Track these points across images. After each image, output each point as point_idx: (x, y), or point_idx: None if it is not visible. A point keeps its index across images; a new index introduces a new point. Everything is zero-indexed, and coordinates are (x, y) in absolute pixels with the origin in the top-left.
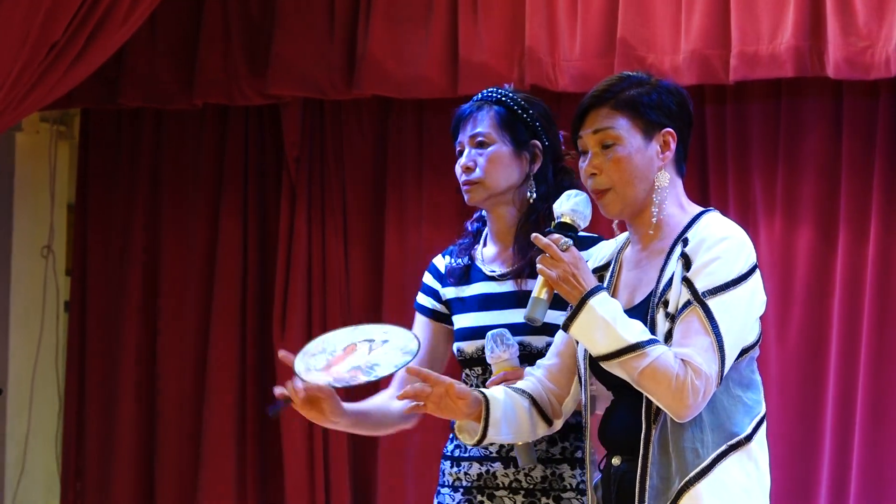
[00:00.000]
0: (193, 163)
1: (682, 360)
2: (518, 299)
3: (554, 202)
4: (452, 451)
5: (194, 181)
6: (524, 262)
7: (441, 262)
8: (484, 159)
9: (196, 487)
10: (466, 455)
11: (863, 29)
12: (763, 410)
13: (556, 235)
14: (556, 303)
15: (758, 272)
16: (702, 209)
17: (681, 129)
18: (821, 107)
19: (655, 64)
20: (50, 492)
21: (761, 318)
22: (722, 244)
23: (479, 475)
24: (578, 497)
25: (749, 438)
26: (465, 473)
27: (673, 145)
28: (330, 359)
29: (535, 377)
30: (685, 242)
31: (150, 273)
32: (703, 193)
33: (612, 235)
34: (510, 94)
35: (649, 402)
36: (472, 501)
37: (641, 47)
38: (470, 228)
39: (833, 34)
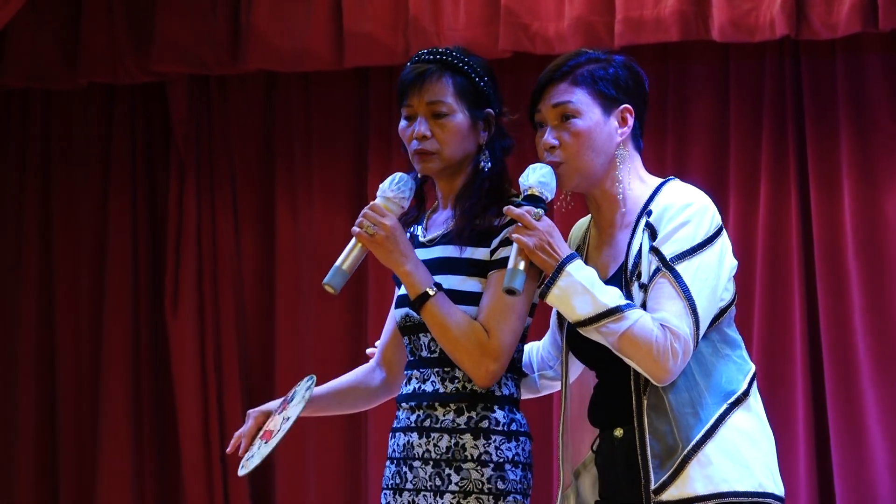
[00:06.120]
0: (82, 143)
1: (661, 324)
2: (440, 265)
3: (498, 170)
4: (394, 423)
5: (83, 162)
6: (457, 229)
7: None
8: (442, 130)
9: (95, 466)
10: (397, 426)
11: None
12: (753, 366)
13: (528, 206)
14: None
15: (724, 234)
16: (662, 180)
17: (637, 105)
18: (708, 70)
19: (540, 32)
20: None
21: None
22: (686, 210)
23: (403, 446)
24: (478, 468)
25: (746, 394)
26: (397, 444)
27: (630, 121)
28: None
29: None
30: (649, 214)
31: (44, 254)
32: None
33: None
34: (466, 60)
35: (637, 373)
36: (401, 473)
37: (526, 15)
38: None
39: None
